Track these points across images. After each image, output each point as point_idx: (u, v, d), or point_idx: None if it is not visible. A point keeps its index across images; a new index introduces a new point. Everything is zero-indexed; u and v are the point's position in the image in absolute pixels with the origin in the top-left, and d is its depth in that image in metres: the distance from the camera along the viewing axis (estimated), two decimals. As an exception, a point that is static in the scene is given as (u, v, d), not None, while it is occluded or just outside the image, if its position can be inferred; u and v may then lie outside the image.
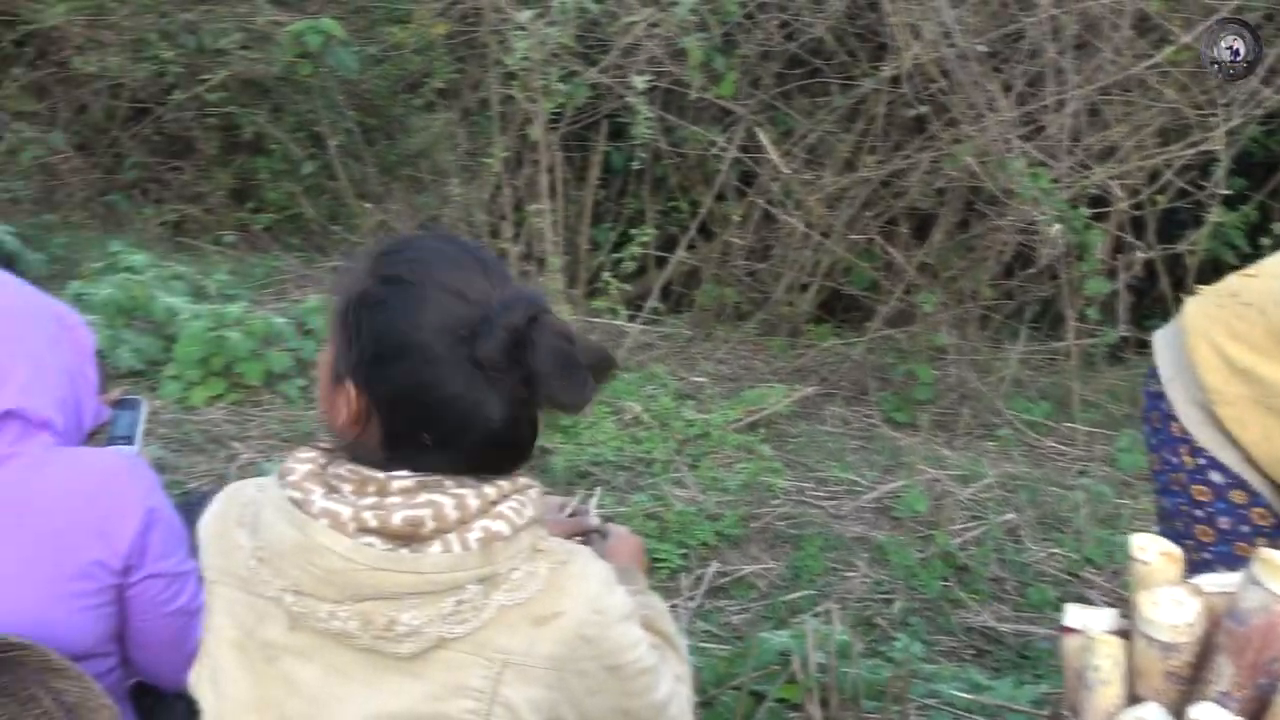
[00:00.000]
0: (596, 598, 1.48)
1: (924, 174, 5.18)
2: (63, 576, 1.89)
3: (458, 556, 1.42)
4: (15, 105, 5.79)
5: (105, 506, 1.90)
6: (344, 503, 1.44)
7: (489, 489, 1.46)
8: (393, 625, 1.42)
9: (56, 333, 2.02)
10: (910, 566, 3.59)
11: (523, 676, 1.45)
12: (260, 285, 5.22)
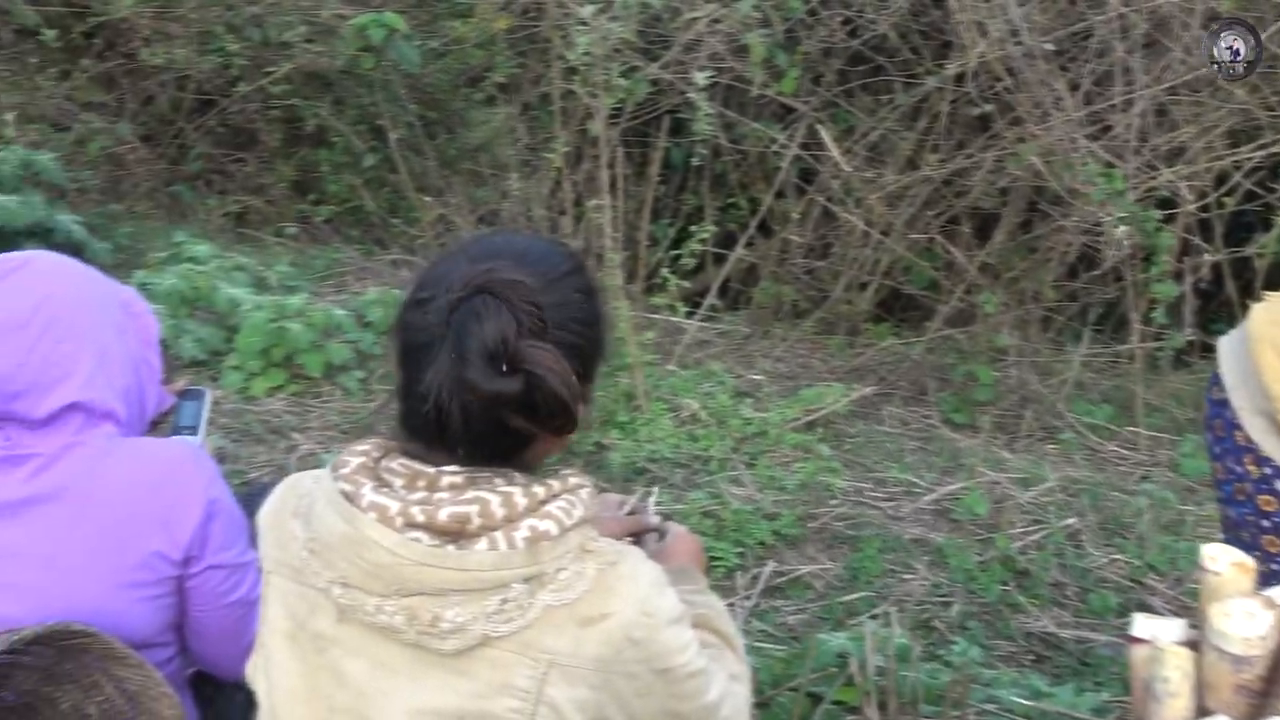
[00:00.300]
0: (645, 599, 1.47)
1: (987, 173, 5.12)
2: (124, 566, 1.90)
3: (503, 555, 1.42)
4: (84, 96, 5.85)
5: (168, 497, 1.91)
6: (393, 497, 1.45)
7: (538, 488, 1.46)
8: (437, 621, 1.42)
9: (122, 320, 2.03)
10: (969, 570, 3.56)
11: (568, 677, 1.44)
12: (320, 277, 5.25)
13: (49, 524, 1.89)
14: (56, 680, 1.95)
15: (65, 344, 1.89)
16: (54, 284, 1.92)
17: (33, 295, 1.88)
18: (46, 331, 1.88)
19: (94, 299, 1.98)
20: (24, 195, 4.65)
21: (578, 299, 1.54)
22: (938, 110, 5.28)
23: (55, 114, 5.79)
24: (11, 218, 4.48)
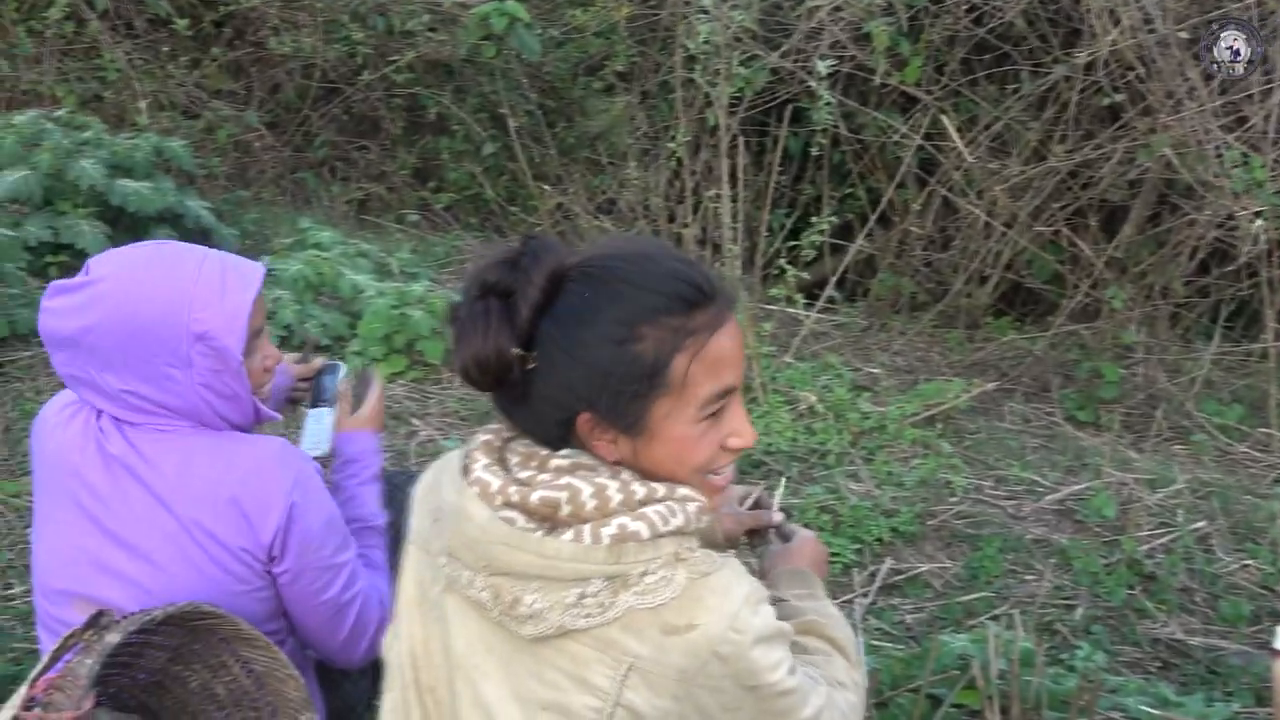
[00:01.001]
0: (735, 615, 1.44)
1: (1116, 165, 5.00)
2: (211, 560, 1.93)
3: (585, 548, 1.41)
4: (213, 84, 5.99)
5: (251, 496, 1.93)
6: (499, 475, 1.46)
7: (638, 486, 1.45)
8: (517, 604, 1.43)
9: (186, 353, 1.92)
10: (1095, 572, 3.47)
11: (649, 683, 1.43)
12: (440, 264, 5.31)
13: (138, 516, 1.93)
14: (185, 660, 2.00)
15: (109, 374, 1.89)
16: (105, 312, 1.85)
17: (83, 319, 1.85)
18: (92, 357, 1.88)
19: (146, 334, 1.87)
20: (155, 181, 4.76)
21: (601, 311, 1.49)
22: (1066, 100, 5.15)
23: (186, 102, 5.92)
24: (144, 203, 4.60)
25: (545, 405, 1.48)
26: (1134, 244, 5.24)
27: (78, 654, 1.68)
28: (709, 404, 1.48)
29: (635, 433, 1.48)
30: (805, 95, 5.35)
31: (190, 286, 1.87)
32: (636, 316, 1.45)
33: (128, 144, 4.80)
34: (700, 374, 1.47)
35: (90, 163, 4.54)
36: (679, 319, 1.46)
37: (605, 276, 1.47)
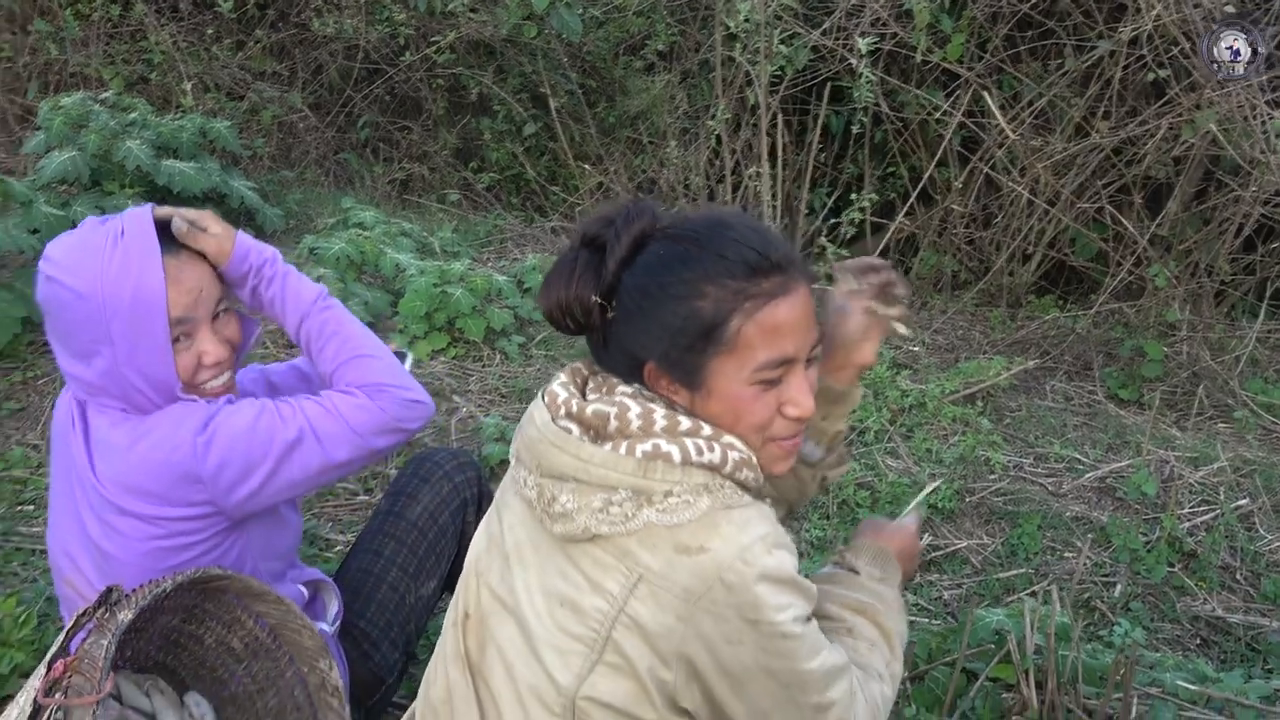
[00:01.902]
0: (748, 549, 1.50)
1: (1160, 141, 4.94)
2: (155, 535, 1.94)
3: (616, 457, 1.52)
4: (257, 65, 6.03)
5: (162, 454, 1.92)
6: (569, 390, 1.61)
7: (685, 419, 1.56)
8: (553, 503, 1.56)
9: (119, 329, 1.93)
10: (1135, 549, 3.46)
11: (654, 597, 1.51)
12: (482, 243, 5.33)
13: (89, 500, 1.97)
14: (199, 619, 2.04)
15: (59, 354, 1.94)
16: (42, 295, 1.91)
17: (39, 292, 1.92)
18: (51, 338, 1.95)
19: (71, 310, 1.89)
20: (201, 162, 4.81)
21: (670, 269, 1.59)
22: (1109, 76, 5.10)
23: (230, 84, 5.97)
24: (189, 183, 4.64)
25: (620, 353, 1.61)
26: (1178, 221, 5.18)
27: (91, 633, 1.70)
28: (764, 369, 1.55)
29: (693, 386, 1.58)
30: (846, 73, 5.33)
31: (107, 265, 1.87)
32: (702, 276, 1.54)
33: (173, 125, 4.85)
34: (756, 337, 1.54)
35: (137, 144, 4.59)
36: (741, 282, 1.54)
37: (682, 238, 1.58)
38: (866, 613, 1.76)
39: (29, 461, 3.52)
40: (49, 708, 1.57)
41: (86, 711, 1.56)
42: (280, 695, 2.02)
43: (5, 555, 3.06)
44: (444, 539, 2.32)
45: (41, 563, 3.06)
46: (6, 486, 3.39)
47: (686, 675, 1.54)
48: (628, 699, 1.56)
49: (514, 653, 1.64)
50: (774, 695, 1.55)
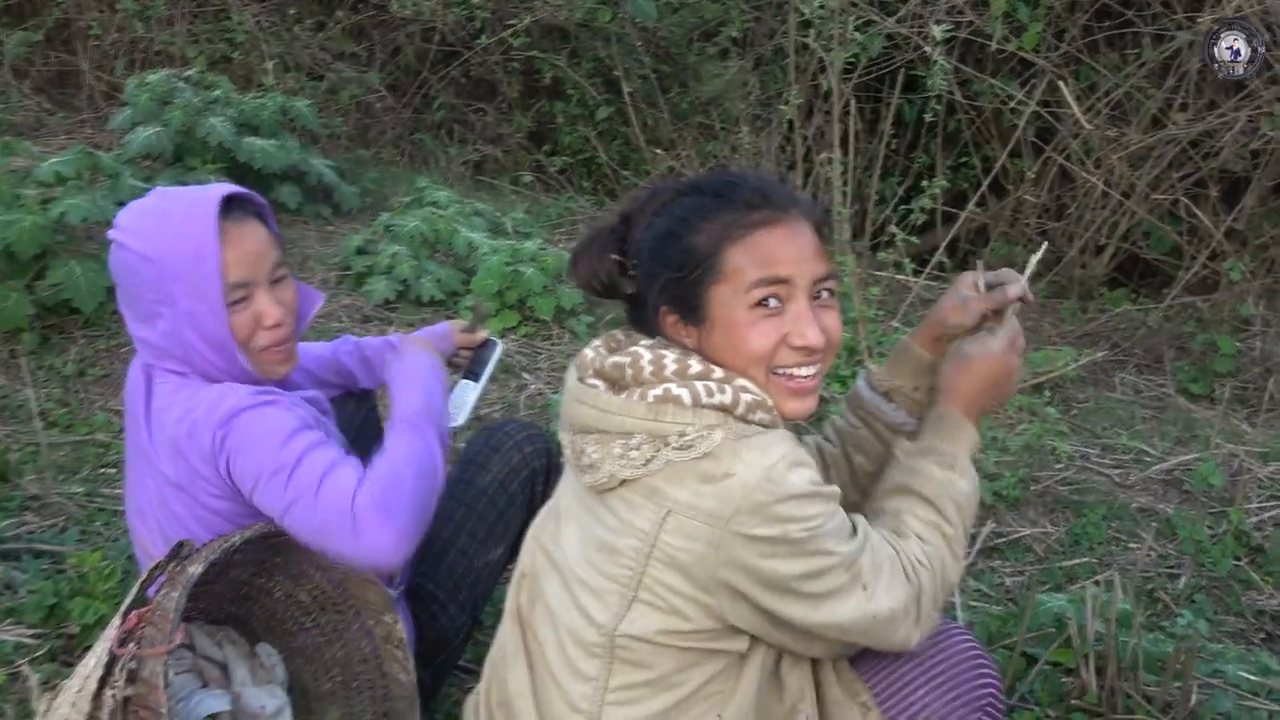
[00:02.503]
0: (771, 468, 1.57)
1: (1238, 134, 4.89)
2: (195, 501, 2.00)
3: (629, 403, 1.61)
4: (337, 46, 6.13)
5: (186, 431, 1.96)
6: (596, 351, 1.71)
7: (695, 362, 1.64)
8: (582, 455, 1.65)
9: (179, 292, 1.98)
10: (1200, 542, 3.45)
11: (683, 528, 1.58)
12: (553, 225, 5.39)
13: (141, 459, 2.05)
14: (269, 572, 2.11)
15: (129, 320, 2.02)
16: (113, 261, 1.99)
17: (110, 259, 2.00)
18: (122, 304, 2.02)
19: (137, 272, 1.95)
20: (281, 140, 4.91)
21: (672, 213, 1.72)
22: (1188, 67, 5.05)
23: (310, 63, 6.07)
24: (269, 160, 4.74)
25: (641, 306, 1.73)
26: (1255, 216, 5.13)
27: (163, 586, 1.77)
28: (756, 288, 1.63)
29: (697, 319, 1.67)
30: (919, 62, 5.32)
31: (167, 228, 1.93)
32: (698, 215, 1.67)
33: (255, 103, 4.95)
34: (747, 261, 1.64)
35: (219, 120, 4.70)
36: (733, 215, 1.66)
37: (689, 190, 1.72)
38: (898, 489, 1.79)
39: (111, 426, 3.62)
40: (123, 658, 1.65)
41: (158, 661, 1.63)
42: (347, 647, 2.09)
43: (89, 515, 3.16)
44: (513, 507, 2.37)
45: (123, 522, 3.16)
46: (90, 450, 3.50)
47: (730, 596, 1.61)
48: (666, 629, 1.64)
49: (557, 602, 1.73)
50: (810, 589, 1.61)
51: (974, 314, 1.86)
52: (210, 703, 1.80)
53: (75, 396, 3.75)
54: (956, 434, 1.80)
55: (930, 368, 1.92)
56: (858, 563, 1.62)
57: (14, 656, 2.38)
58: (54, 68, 6.00)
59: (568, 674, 1.69)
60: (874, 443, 1.97)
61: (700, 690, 1.67)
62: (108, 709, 1.60)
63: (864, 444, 1.98)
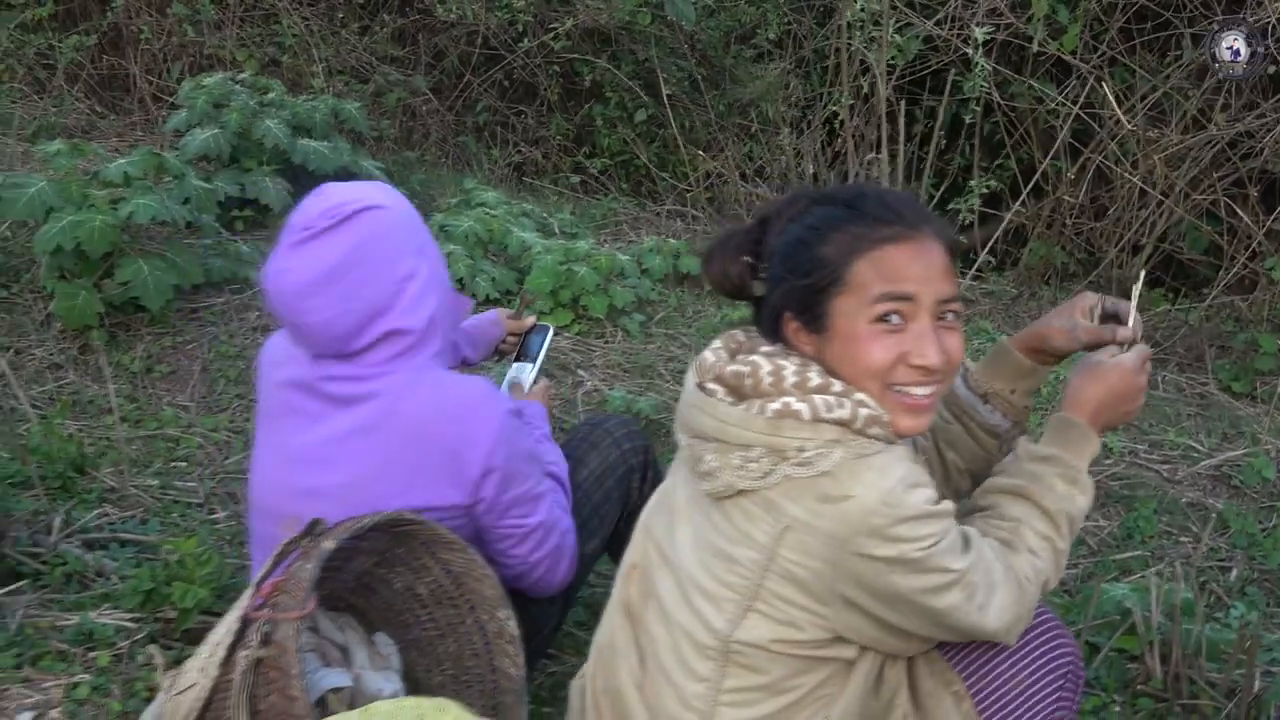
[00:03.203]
0: (890, 491, 1.60)
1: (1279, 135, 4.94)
2: (412, 487, 2.08)
3: (749, 416, 1.65)
4: (383, 50, 6.21)
5: (457, 432, 2.07)
6: (717, 355, 1.75)
7: (815, 375, 1.67)
8: (700, 462, 1.69)
9: (431, 250, 2.18)
10: (1253, 535, 3.50)
11: (801, 545, 1.63)
12: (598, 226, 5.46)
13: (350, 442, 2.08)
14: (389, 564, 2.18)
15: (379, 282, 2.06)
16: (367, 228, 2.04)
17: (345, 246, 2.02)
18: (360, 277, 2.03)
19: (407, 233, 2.11)
20: (334, 141, 4.99)
21: (802, 224, 1.75)
22: (1229, 69, 5.10)
23: (357, 66, 6.15)
24: (323, 162, 4.82)
25: (767, 309, 1.76)
26: (1294, 216, 5.17)
27: (297, 559, 1.85)
28: (879, 303, 1.66)
29: (819, 328, 1.70)
30: (957, 64, 5.38)
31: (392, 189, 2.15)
32: (830, 226, 1.70)
33: (307, 106, 5.03)
34: (873, 276, 1.66)
35: (274, 123, 4.78)
36: (863, 228, 1.69)
37: (824, 199, 1.75)
38: (1019, 493, 1.83)
39: (179, 421, 3.70)
40: (258, 621, 1.72)
41: (291, 625, 1.70)
42: (459, 641, 2.15)
43: (165, 507, 3.24)
44: (608, 503, 2.43)
45: (199, 514, 3.25)
46: (160, 444, 3.58)
47: (845, 609, 1.66)
48: (781, 639, 1.69)
49: (671, 601, 1.77)
50: (927, 603, 1.67)
51: (1080, 344, 1.92)
52: (333, 678, 1.87)
53: (143, 393, 3.83)
54: (1081, 446, 1.85)
55: (1029, 373, 1.98)
56: (971, 579, 1.68)
57: (115, 639, 2.46)
58: (103, 72, 6.09)
59: (681, 672, 1.75)
60: (967, 440, 2.02)
61: (811, 694, 1.73)
62: (240, 669, 1.67)
63: (957, 441, 2.03)
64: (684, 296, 4.75)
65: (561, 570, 2.26)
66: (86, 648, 2.44)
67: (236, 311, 4.14)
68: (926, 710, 1.83)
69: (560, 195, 5.99)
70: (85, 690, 2.31)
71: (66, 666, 2.38)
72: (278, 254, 2.04)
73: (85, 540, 2.94)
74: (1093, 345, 1.91)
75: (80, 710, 2.28)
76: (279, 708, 1.64)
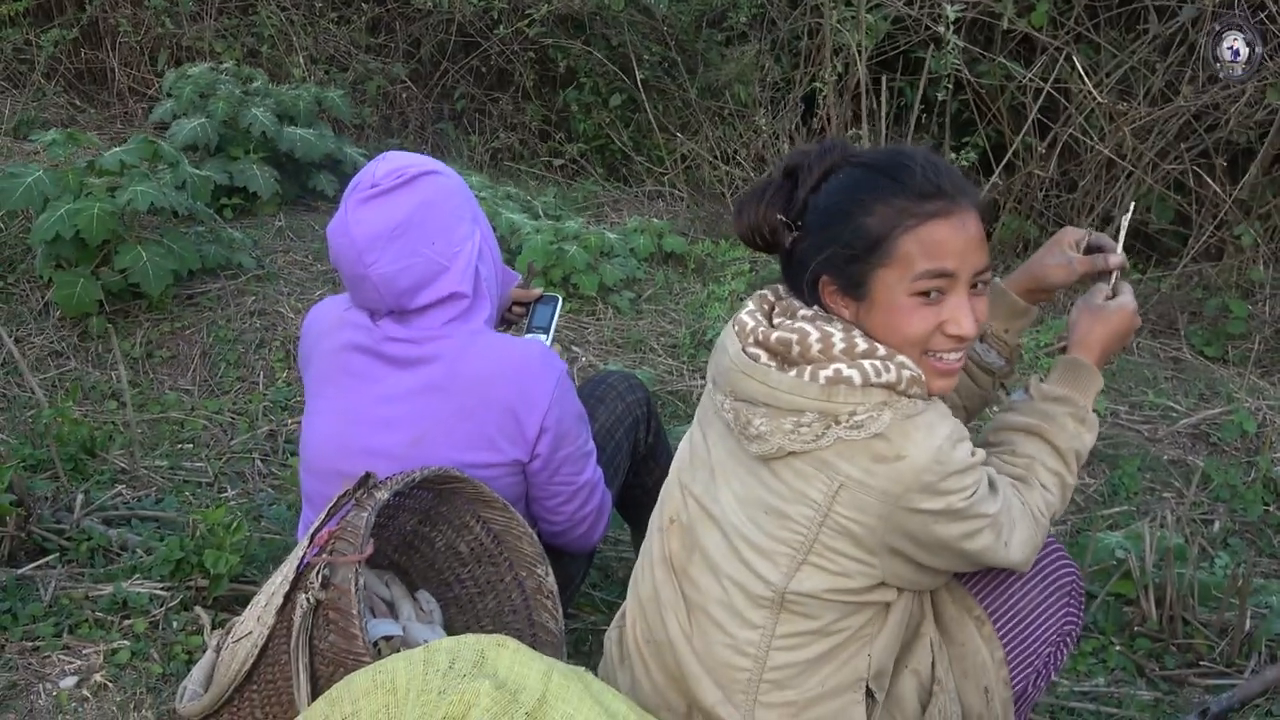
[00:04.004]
0: (940, 449, 1.70)
1: (1244, 106, 5.06)
2: (473, 446, 2.16)
3: (802, 384, 1.71)
4: (362, 39, 6.24)
5: (518, 390, 2.16)
6: (756, 319, 1.80)
7: (861, 340, 1.73)
8: (748, 425, 1.76)
9: (482, 217, 2.29)
10: (1234, 487, 3.62)
11: (855, 502, 1.72)
12: (580, 208, 5.53)
13: (411, 402, 2.16)
14: (433, 522, 2.25)
15: (439, 243, 2.15)
16: (430, 191, 2.15)
17: (411, 204, 2.12)
18: (424, 235, 2.13)
19: (464, 200, 2.23)
20: (318, 129, 5.04)
21: (842, 187, 1.79)
22: (1193, 40, 5.22)
23: (336, 55, 6.18)
24: (310, 150, 4.87)
25: (800, 269, 1.81)
26: (1259, 185, 5.30)
27: (352, 510, 1.93)
28: (921, 279, 1.73)
29: (859, 297, 1.76)
30: (924, 44, 5.47)
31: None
32: (874, 196, 1.74)
33: (292, 94, 5.07)
34: (916, 250, 1.72)
35: (260, 111, 4.82)
36: (906, 201, 1.73)
37: (864, 164, 1.78)
38: (1033, 431, 1.94)
39: (183, 405, 3.75)
40: (318, 565, 1.79)
41: (349, 569, 1.77)
42: (499, 598, 2.23)
43: (177, 486, 3.30)
44: (619, 454, 2.52)
45: (208, 493, 3.30)
46: (166, 427, 3.63)
47: (890, 556, 1.77)
48: (833, 588, 1.78)
49: (719, 555, 1.84)
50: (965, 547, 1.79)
51: (1076, 275, 2.02)
52: (384, 627, 1.95)
53: (145, 378, 3.88)
54: (1089, 386, 1.97)
55: (1022, 312, 2.08)
56: (1000, 520, 1.79)
57: (149, 607, 2.52)
58: (81, 65, 6.10)
59: (734, 622, 1.83)
60: (965, 380, 2.11)
61: (856, 634, 1.83)
62: (300, 610, 1.74)
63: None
64: (670, 274, 4.83)
65: (601, 526, 2.35)
66: (122, 616, 2.51)
67: (233, 297, 4.19)
68: (951, 635, 1.94)
69: (539, 180, 6.06)
70: (125, 655, 2.38)
71: (105, 634, 2.45)
72: (345, 209, 2.13)
73: (104, 518, 2.99)
74: (1087, 276, 2.02)
75: (122, 674, 2.34)
76: (339, 646, 1.71)
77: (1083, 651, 2.82)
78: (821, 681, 1.82)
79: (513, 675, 1.52)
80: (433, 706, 1.46)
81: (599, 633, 2.67)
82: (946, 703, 1.90)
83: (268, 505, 3.19)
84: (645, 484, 2.61)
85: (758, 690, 1.82)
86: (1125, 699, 2.70)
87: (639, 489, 2.61)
